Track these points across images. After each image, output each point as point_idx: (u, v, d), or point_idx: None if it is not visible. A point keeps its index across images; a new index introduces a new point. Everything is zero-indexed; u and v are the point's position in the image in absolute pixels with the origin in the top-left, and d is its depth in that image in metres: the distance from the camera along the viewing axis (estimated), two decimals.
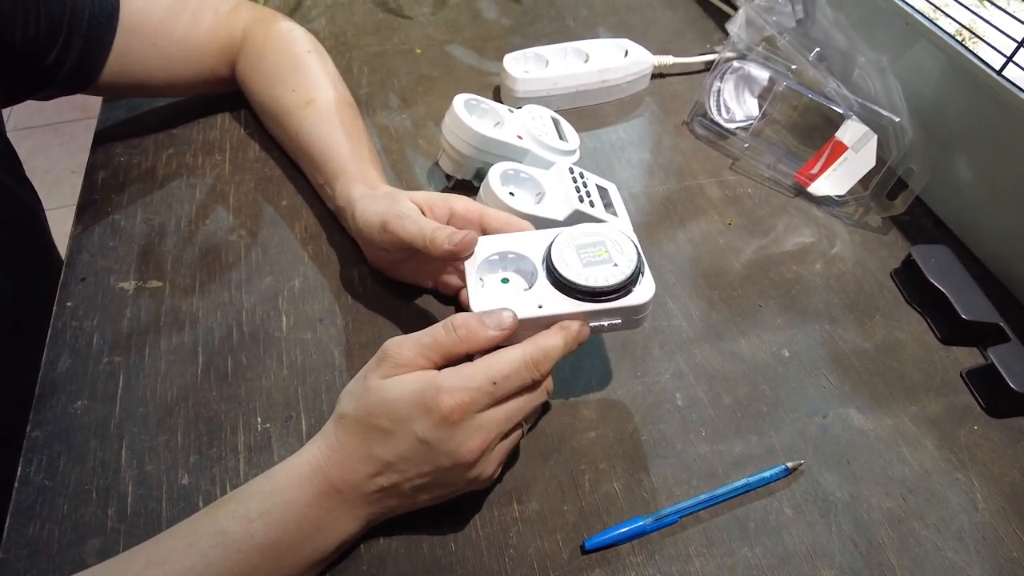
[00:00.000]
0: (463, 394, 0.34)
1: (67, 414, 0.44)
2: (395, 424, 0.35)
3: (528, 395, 0.37)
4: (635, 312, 0.38)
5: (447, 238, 0.40)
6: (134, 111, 0.65)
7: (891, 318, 0.51)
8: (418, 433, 0.34)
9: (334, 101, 0.56)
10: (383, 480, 0.36)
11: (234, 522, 0.34)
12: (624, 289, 0.37)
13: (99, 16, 0.52)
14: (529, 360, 0.36)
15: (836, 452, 0.44)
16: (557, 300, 0.38)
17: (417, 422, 0.34)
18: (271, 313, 0.50)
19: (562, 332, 0.37)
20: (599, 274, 0.37)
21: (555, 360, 0.37)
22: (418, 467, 0.35)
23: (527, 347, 0.36)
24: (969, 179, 0.54)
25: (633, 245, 0.39)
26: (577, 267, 0.38)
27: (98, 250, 0.53)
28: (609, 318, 0.38)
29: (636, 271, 0.38)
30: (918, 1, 0.54)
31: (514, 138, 0.54)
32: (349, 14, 0.78)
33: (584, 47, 0.66)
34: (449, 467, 0.35)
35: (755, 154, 0.61)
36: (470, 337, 0.36)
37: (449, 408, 0.34)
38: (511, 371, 0.35)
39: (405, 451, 0.35)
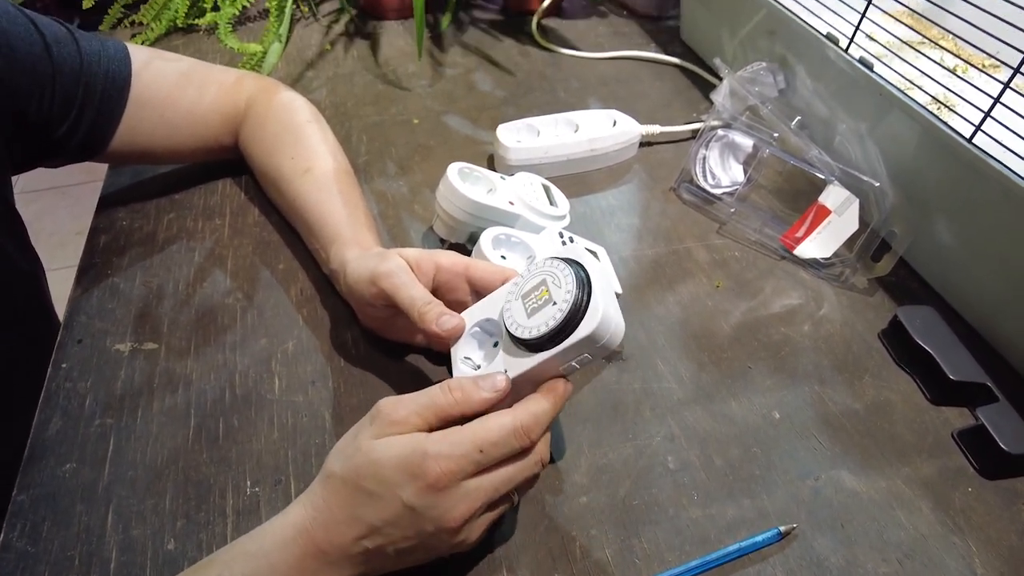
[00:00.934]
0: (449, 462, 0.34)
1: (55, 477, 0.44)
2: (381, 488, 0.35)
3: (519, 464, 0.36)
4: (591, 343, 0.35)
5: (436, 320, 0.41)
6: (138, 177, 0.67)
7: (880, 379, 0.52)
8: (403, 498, 0.34)
9: (332, 169, 0.58)
10: (368, 543, 0.35)
11: None
12: (566, 328, 0.35)
13: (111, 90, 0.55)
14: (519, 426, 0.35)
15: (829, 515, 0.43)
16: (518, 359, 0.37)
17: (403, 488, 0.34)
18: (264, 375, 0.50)
19: (550, 395, 0.37)
20: (541, 320, 0.36)
21: (545, 424, 0.37)
22: (403, 531, 0.35)
23: (516, 413, 0.36)
24: (950, 241, 0.55)
25: (572, 275, 0.37)
26: (523, 319, 0.37)
27: (96, 312, 0.54)
28: (572, 357, 0.36)
29: (575, 306, 0.35)
30: (890, 74, 0.56)
31: (506, 204, 0.56)
32: (349, 85, 0.82)
33: (574, 117, 0.69)
34: (433, 532, 0.35)
35: (741, 218, 0.63)
36: (465, 399, 0.36)
37: (435, 476, 0.34)
38: (499, 438, 0.35)
39: (391, 516, 0.35)
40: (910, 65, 0.56)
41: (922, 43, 0.65)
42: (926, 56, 0.55)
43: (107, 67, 0.55)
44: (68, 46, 0.53)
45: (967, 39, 0.50)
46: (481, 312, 0.42)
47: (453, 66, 0.86)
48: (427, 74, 0.84)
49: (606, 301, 0.36)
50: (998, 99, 0.47)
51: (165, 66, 0.60)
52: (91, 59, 0.54)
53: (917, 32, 0.60)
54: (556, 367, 0.37)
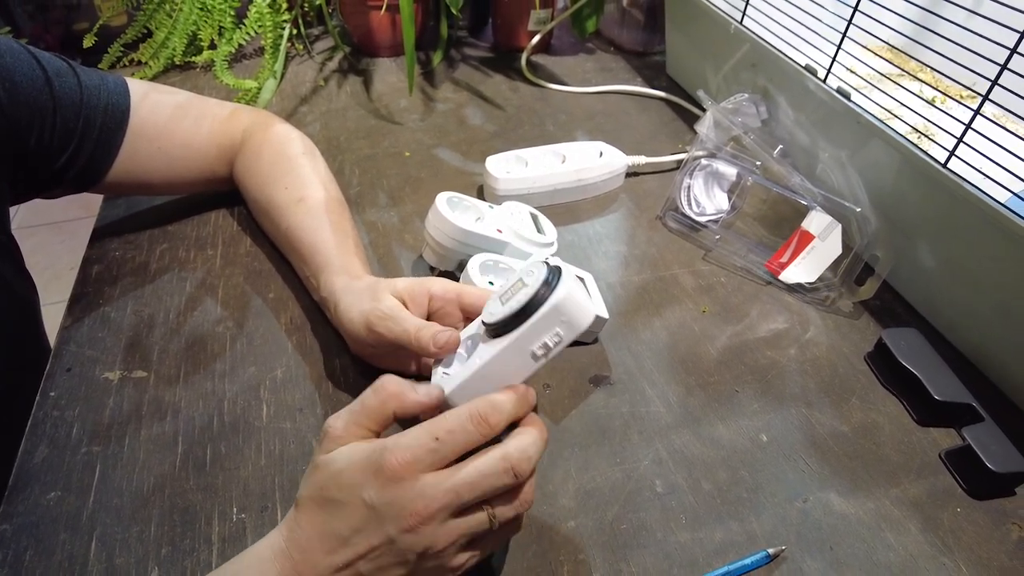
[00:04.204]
0: (406, 452, 0.34)
1: (39, 506, 0.44)
2: (344, 492, 0.34)
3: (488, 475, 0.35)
4: (557, 316, 0.35)
5: (432, 339, 0.42)
6: (132, 208, 0.68)
7: (867, 401, 0.52)
8: (365, 498, 0.34)
9: (324, 199, 0.59)
10: (338, 558, 0.35)
11: None
12: (536, 300, 0.36)
13: (110, 123, 0.56)
14: (475, 412, 0.35)
15: (818, 538, 0.43)
16: (490, 346, 0.37)
17: (364, 487, 0.34)
18: (252, 403, 0.50)
19: (510, 391, 0.37)
20: (514, 303, 0.37)
21: (505, 411, 0.36)
22: (369, 539, 0.34)
23: (474, 402, 0.36)
24: (932, 265, 0.56)
25: (546, 268, 0.37)
26: (497, 308, 0.38)
27: (86, 341, 0.54)
28: (543, 335, 0.36)
29: (545, 281, 0.36)
30: (868, 104, 0.58)
31: (494, 232, 0.57)
32: (342, 120, 0.83)
33: (561, 149, 0.71)
34: (395, 536, 0.34)
35: (726, 245, 0.64)
36: (396, 396, 0.36)
37: (392, 466, 0.33)
38: (455, 425, 0.35)
39: (356, 522, 0.34)
40: (887, 95, 0.58)
41: (900, 75, 0.67)
42: (903, 87, 0.56)
43: (107, 100, 0.56)
44: (69, 80, 0.54)
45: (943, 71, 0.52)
46: (469, 332, 0.42)
47: (444, 101, 0.88)
48: (419, 109, 0.86)
49: (574, 287, 0.36)
50: (969, 125, 0.48)
51: (162, 99, 0.61)
52: (91, 92, 0.55)
53: (895, 65, 0.62)
54: (526, 348, 0.36)
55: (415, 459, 0.34)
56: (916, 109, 0.55)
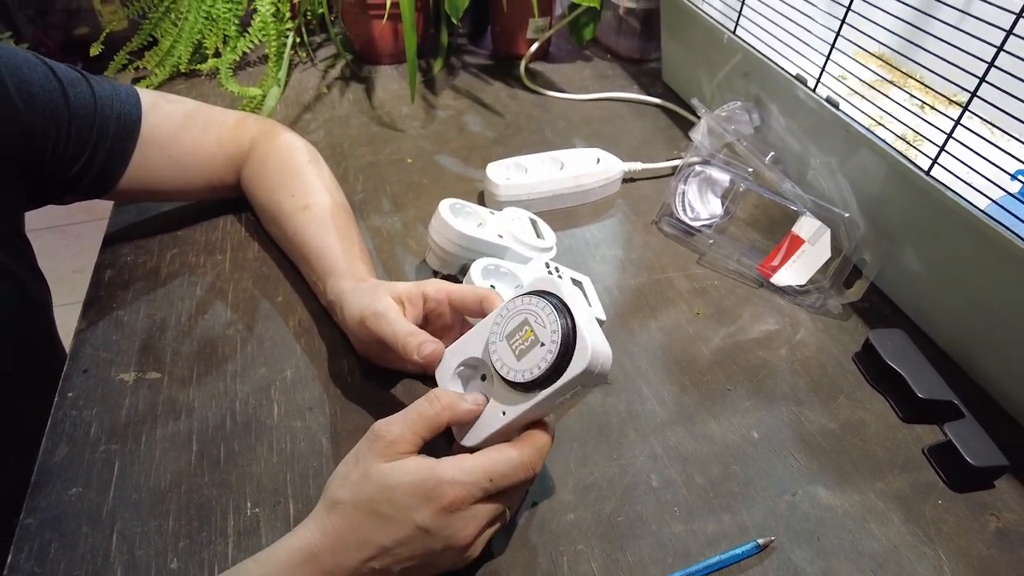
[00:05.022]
0: (462, 489, 0.37)
1: (61, 501, 0.46)
2: (396, 511, 0.37)
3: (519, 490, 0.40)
4: (583, 379, 0.37)
5: (416, 348, 0.44)
6: (142, 214, 0.70)
7: (854, 399, 0.54)
8: (417, 521, 0.36)
9: (329, 205, 0.61)
10: (376, 563, 0.37)
11: None
12: (559, 368, 0.37)
13: (122, 132, 0.58)
14: (526, 461, 0.38)
15: (806, 529, 0.45)
16: (514, 399, 0.39)
17: (417, 511, 0.36)
18: (263, 402, 0.52)
19: (549, 429, 0.40)
20: (532, 362, 0.38)
21: (544, 456, 0.40)
22: (411, 551, 0.37)
23: (524, 449, 0.39)
24: (917, 268, 0.58)
25: (554, 312, 0.38)
26: (513, 362, 0.39)
27: (101, 343, 0.56)
28: (566, 393, 0.38)
29: (565, 346, 0.37)
30: (856, 112, 0.60)
31: (495, 237, 0.59)
32: (345, 127, 0.85)
33: (560, 156, 0.73)
34: (442, 551, 0.37)
35: (720, 249, 0.66)
36: (450, 407, 0.39)
37: (449, 500, 0.36)
38: (507, 470, 0.38)
39: (403, 537, 0.37)
40: (874, 104, 0.60)
41: (888, 84, 0.69)
42: (890, 97, 0.58)
43: (119, 110, 0.58)
44: (83, 90, 0.56)
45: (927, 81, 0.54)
46: (464, 350, 0.44)
47: (445, 108, 0.90)
48: (420, 116, 0.88)
49: (592, 335, 0.38)
50: (950, 135, 0.50)
51: (171, 108, 0.63)
52: (104, 103, 0.57)
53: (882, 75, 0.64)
54: (553, 402, 0.39)
55: (470, 495, 0.37)
56: (901, 118, 0.57)
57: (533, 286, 0.41)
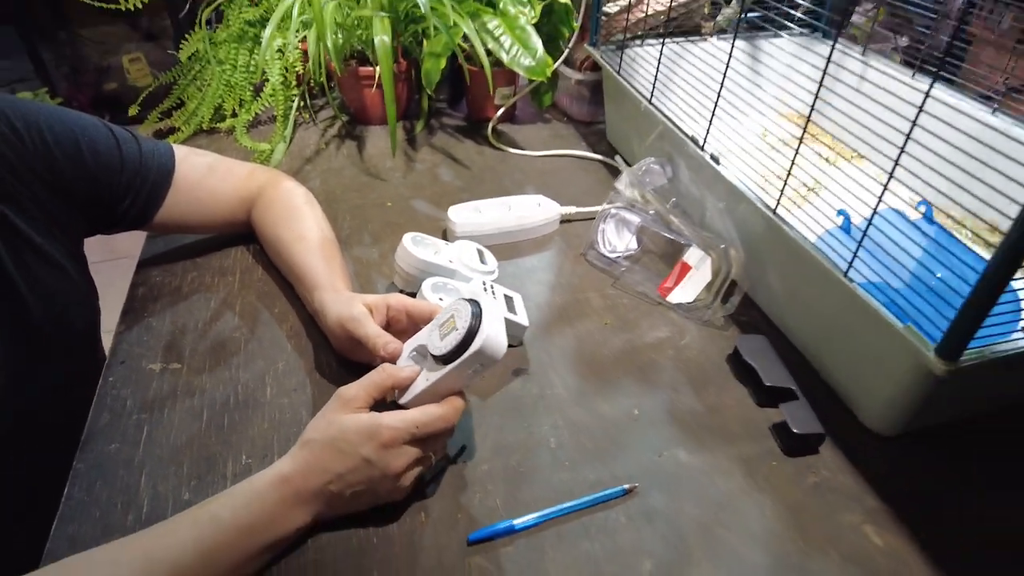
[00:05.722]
0: (395, 431, 0.52)
1: (104, 453, 0.61)
2: (348, 446, 0.52)
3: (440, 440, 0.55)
4: (481, 356, 0.52)
5: (383, 346, 0.60)
6: (169, 244, 0.87)
7: (722, 390, 0.69)
8: (363, 453, 0.51)
9: (318, 237, 0.77)
10: (333, 487, 0.52)
11: (224, 508, 0.50)
12: (463, 346, 0.52)
13: (159, 179, 0.75)
14: (444, 415, 0.54)
15: (665, 480, 0.60)
16: (436, 371, 0.54)
17: (363, 446, 0.51)
18: (259, 386, 0.68)
19: (459, 399, 0.55)
20: (448, 343, 0.53)
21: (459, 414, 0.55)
22: (358, 477, 0.52)
23: (443, 407, 0.54)
24: (777, 286, 0.73)
25: (470, 310, 0.53)
26: (437, 343, 0.55)
27: (135, 342, 0.72)
28: (469, 367, 0.53)
29: (469, 332, 0.52)
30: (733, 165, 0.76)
31: (447, 262, 0.75)
32: (339, 177, 1.03)
33: (509, 200, 0.89)
34: (379, 478, 0.52)
35: (630, 275, 0.82)
36: (393, 375, 0.55)
37: (386, 438, 0.52)
38: (430, 421, 0.53)
39: (353, 466, 0.52)
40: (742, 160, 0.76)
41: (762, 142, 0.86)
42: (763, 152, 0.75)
43: (158, 161, 0.75)
44: (132, 146, 0.73)
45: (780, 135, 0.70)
46: (415, 340, 0.60)
47: (423, 162, 1.07)
48: (401, 168, 1.05)
49: (491, 328, 0.53)
50: (786, 181, 0.66)
51: (197, 160, 0.80)
52: (147, 156, 0.74)
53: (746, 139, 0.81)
54: (463, 373, 0.54)
55: (400, 436, 0.52)
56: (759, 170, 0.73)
57: (467, 295, 0.57)
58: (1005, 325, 0.53)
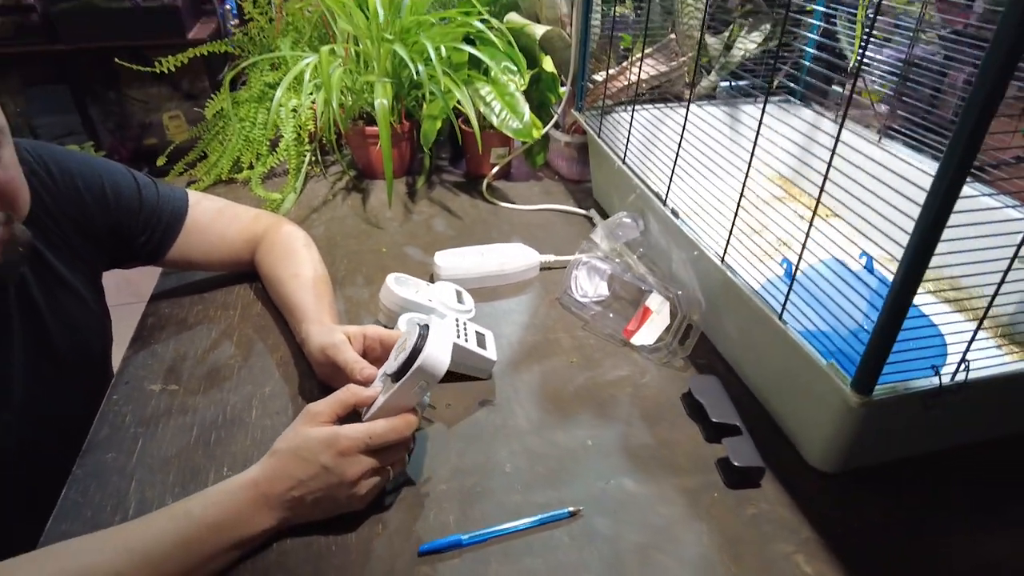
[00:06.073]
0: (351, 441, 0.58)
1: (100, 461, 0.67)
2: (310, 455, 0.58)
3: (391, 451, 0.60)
4: (423, 373, 0.58)
5: (359, 371, 0.67)
6: (180, 280, 0.95)
7: (674, 426, 0.73)
8: (322, 460, 0.57)
9: (312, 276, 0.85)
10: (295, 492, 0.57)
11: (197, 506, 0.56)
12: (407, 364, 0.58)
13: (172, 220, 0.84)
14: (395, 428, 0.60)
15: (610, 506, 0.64)
16: (389, 389, 0.60)
17: (322, 454, 0.57)
18: (247, 407, 0.74)
19: (411, 415, 0.61)
20: (399, 361, 0.60)
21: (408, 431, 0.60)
22: (318, 484, 0.57)
23: (394, 421, 0.60)
24: (730, 330, 0.79)
25: (419, 333, 0.59)
26: (391, 362, 0.62)
27: (140, 365, 0.80)
28: (415, 383, 0.59)
29: (414, 352, 0.58)
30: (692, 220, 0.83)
31: (426, 301, 0.82)
32: (341, 225, 1.11)
33: (492, 248, 0.96)
34: (337, 484, 0.57)
35: (599, 318, 0.87)
36: (356, 393, 0.61)
37: (343, 447, 0.57)
38: (383, 432, 0.59)
39: (313, 473, 0.57)
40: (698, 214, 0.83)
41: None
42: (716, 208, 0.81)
43: (173, 205, 0.85)
44: (151, 190, 0.83)
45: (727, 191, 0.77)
46: (385, 367, 0.66)
47: (420, 213, 1.16)
48: (399, 218, 1.14)
49: (433, 349, 0.59)
50: (730, 233, 0.72)
51: (208, 205, 0.89)
52: (164, 199, 0.84)
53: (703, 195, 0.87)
54: (410, 389, 0.60)
55: (355, 445, 0.58)
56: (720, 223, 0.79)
57: (422, 321, 0.63)
58: (924, 361, 0.57)
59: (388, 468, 0.61)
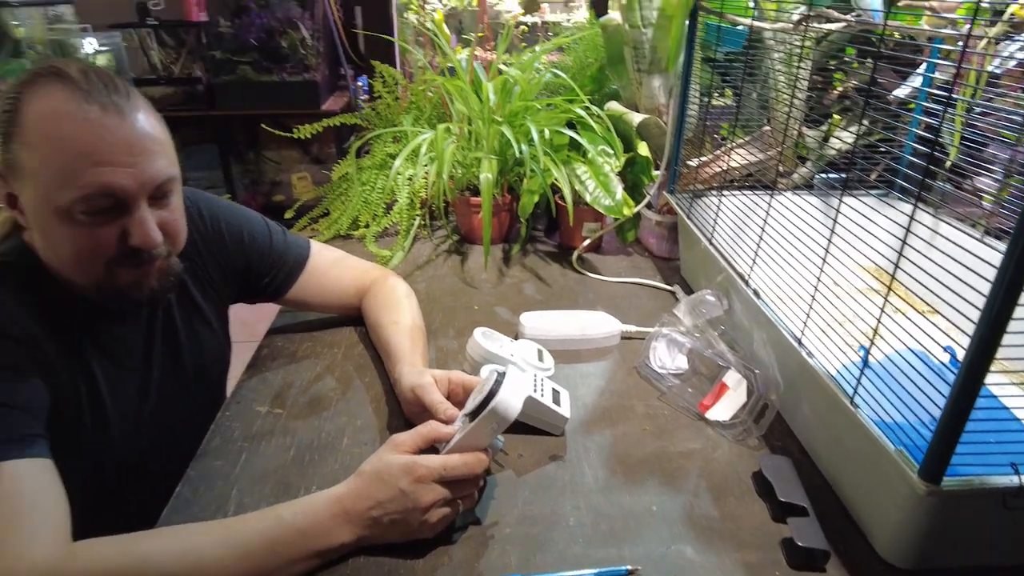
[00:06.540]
0: (427, 470, 0.63)
1: (209, 466, 0.76)
2: (390, 478, 0.63)
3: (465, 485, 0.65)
4: (495, 415, 0.64)
5: (443, 412, 0.73)
6: (294, 319, 1.06)
7: (741, 502, 0.73)
8: (400, 486, 0.63)
9: (409, 324, 0.93)
10: (374, 512, 0.63)
11: (287, 512, 0.63)
12: (484, 406, 0.65)
13: (295, 265, 0.96)
14: (467, 463, 0.65)
15: (669, 570, 0.65)
16: (465, 427, 0.66)
17: (401, 479, 0.63)
18: (340, 436, 0.81)
19: (482, 454, 0.67)
20: (476, 402, 0.66)
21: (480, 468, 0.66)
22: (395, 506, 0.63)
23: (466, 457, 0.66)
24: (807, 413, 0.79)
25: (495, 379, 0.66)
26: (469, 403, 0.68)
27: (252, 389, 0.89)
28: (488, 423, 0.65)
29: (489, 396, 0.65)
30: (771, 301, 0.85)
31: (508, 355, 0.88)
32: (440, 283, 1.21)
33: (576, 313, 1.02)
34: (411, 509, 0.63)
35: (676, 390, 0.89)
36: (436, 429, 0.67)
37: (419, 475, 0.63)
38: (456, 466, 0.65)
39: (391, 495, 0.63)
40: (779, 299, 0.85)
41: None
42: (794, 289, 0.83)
43: (297, 252, 0.96)
44: (280, 237, 0.95)
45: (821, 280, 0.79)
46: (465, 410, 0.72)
47: (512, 277, 1.23)
48: (493, 280, 1.22)
49: (506, 396, 0.65)
50: (807, 315, 0.74)
51: (327, 255, 1.01)
52: (290, 246, 0.95)
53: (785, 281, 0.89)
54: (483, 428, 0.66)
55: (431, 474, 0.64)
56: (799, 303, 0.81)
57: (501, 369, 0.69)
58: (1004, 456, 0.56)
59: (458, 502, 0.65)
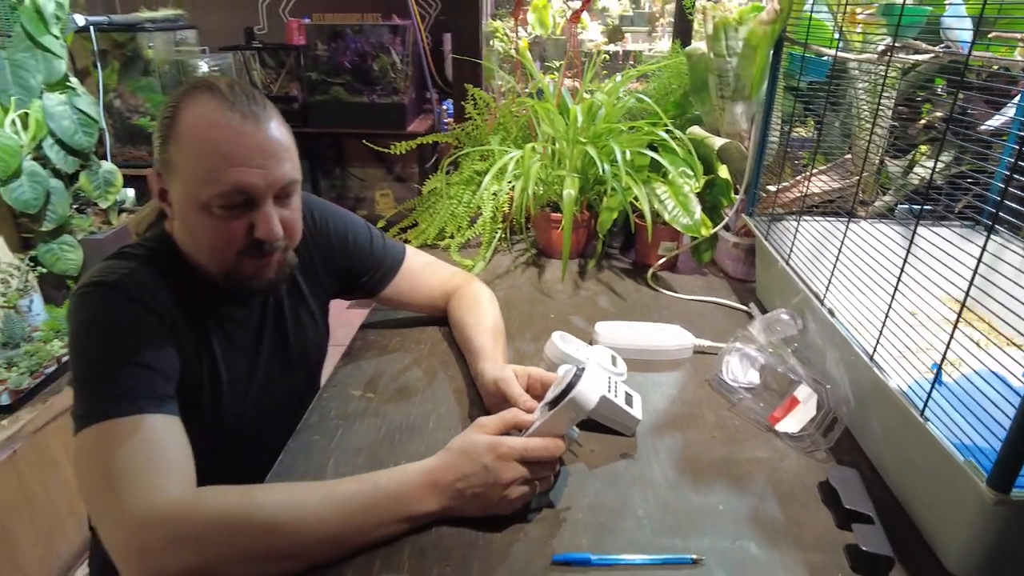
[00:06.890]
0: (509, 448, 0.69)
1: (308, 440, 0.84)
2: (475, 454, 0.70)
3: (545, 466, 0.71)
4: (573, 404, 0.70)
5: (524, 403, 0.79)
6: (386, 316, 1.14)
7: (807, 508, 0.75)
8: (484, 461, 0.69)
9: (491, 325, 1.00)
10: (459, 484, 0.69)
11: (382, 478, 0.70)
12: (562, 396, 0.70)
13: (391, 266, 1.05)
14: (546, 447, 0.70)
15: (731, 563, 0.68)
16: (545, 414, 0.72)
17: (485, 455, 0.69)
18: (425, 421, 0.88)
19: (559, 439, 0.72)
20: (556, 392, 0.72)
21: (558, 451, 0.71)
22: (478, 480, 0.69)
23: (546, 440, 0.71)
24: (876, 429, 0.80)
25: (574, 373, 0.72)
26: (549, 394, 0.74)
27: (347, 375, 0.98)
28: (567, 413, 0.70)
29: (568, 387, 0.70)
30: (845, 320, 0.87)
31: (584, 358, 0.93)
32: (519, 291, 1.27)
33: (649, 325, 1.06)
34: (492, 484, 0.68)
35: (746, 403, 0.92)
36: (518, 415, 0.73)
37: (502, 452, 0.69)
38: (536, 447, 0.70)
39: (475, 470, 0.69)
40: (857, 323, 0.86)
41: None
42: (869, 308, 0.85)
43: (393, 255, 1.05)
44: (380, 241, 1.04)
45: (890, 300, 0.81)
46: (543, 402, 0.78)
47: (587, 290, 1.28)
48: (569, 292, 1.27)
49: (585, 387, 0.71)
50: (881, 331, 0.76)
51: (420, 259, 1.09)
52: (388, 249, 1.05)
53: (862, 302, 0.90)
54: (562, 417, 0.71)
55: (512, 453, 0.70)
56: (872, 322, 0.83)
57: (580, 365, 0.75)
58: None
59: (536, 483, 0.71)
